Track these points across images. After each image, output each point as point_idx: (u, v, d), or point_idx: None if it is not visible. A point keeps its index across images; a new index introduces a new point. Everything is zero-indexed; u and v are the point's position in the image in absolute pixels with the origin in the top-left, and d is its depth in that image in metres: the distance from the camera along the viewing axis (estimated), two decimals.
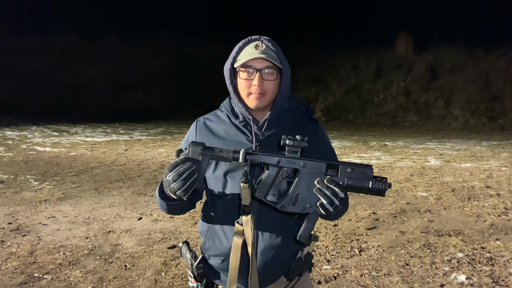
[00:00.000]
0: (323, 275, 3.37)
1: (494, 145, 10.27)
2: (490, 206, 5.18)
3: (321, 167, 1.29)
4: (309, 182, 1.28)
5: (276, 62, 1.40)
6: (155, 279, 3.33)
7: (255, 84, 1.41)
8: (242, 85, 1.44)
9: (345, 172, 1.28)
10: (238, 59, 1.44)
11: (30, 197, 5.66)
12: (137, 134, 12.73)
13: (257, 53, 1.39)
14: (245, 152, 1.26)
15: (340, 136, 12.67)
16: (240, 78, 1.44)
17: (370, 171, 1.28)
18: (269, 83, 1.43)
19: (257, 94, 1.43)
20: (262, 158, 1.28)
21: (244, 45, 1.45)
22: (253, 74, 1.42)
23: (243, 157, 1.25)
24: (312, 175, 1.28)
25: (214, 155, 1.27)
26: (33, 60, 19.36)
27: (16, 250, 3.86)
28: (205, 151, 1.27)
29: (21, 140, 10.93)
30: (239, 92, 1.48)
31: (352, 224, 4.62)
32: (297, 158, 1.28)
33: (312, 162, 1.29)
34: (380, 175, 1.36)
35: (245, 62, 1.40)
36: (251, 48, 1.42)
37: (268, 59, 1.38)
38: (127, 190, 6.08)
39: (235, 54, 1.45)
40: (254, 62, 1.41)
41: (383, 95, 17.38)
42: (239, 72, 1.43)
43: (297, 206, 1.29)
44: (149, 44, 21.27)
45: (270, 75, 1.43)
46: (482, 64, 16.90)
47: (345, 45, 19.25)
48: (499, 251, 3.80)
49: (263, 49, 1.41)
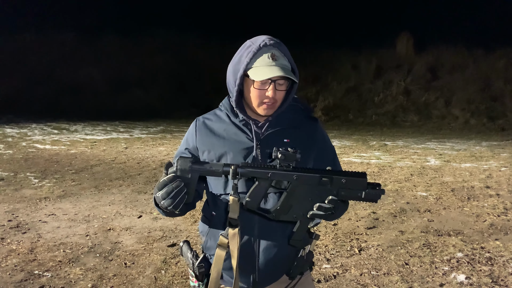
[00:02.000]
0: (323, 274, 3.38)
1: (494, 145, 10.28)
2: (490, 206, 5.19)
3: (314, 179, 1.27)
4: (302, 194, 1.27)
5: (293, 77, 1.39)
6: (155, 277, 3.33)
7: (269, 95, 1.41)
8: (254, 94, 1.43)
9: (338, 183, 1.27)
10: (253, 67, 1.40)
11: (30, 194, 5.66)
12: (137, 132, 12.72)
13: (274, 65, 1.38)
14: (236, 166, 1.24)
15: (340, 135, 12.68)
16: (254, 88, 1.41)
17: (363, 181, 1.27)
18: (281, 93, 1.44)
19: (269, 104, 1.43)
20: (253, 173, 1.26)
21: (259, 51, 1.40)
22: (267, 84, 1.40)
23: (233, 172, 1.24)
24: (304, 187, 1.27)
25: (204, 170, 1.26)
26: (32, 58, 19.32)
27: (16, 247, 3.86)
28: (195, 166, 1.25)
29: (21, 138, 10.92)
30: (247, 98, 1.48)
31: (352, 223, 4.62)
32: (289, 171, 1.26)
33: (304, 175, 1.27)
34: (374, 181, 1.34)
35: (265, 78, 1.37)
36: (267, 58, 1.39)
37: (287, 75, 1.37)
38: (127, 188, 6.08)
39: (249, 60, 1.40)
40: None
41: (383, 95, 17.38)
42: (253, 81, 1.41)
43: (289, 215, 1.29)
44: (148, 43, 21.23)
45: (282, 86, 1.43)
46: (482, 65, 16.90)
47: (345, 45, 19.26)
48: (499, 251, 3.80)
49: (279, 60, 1.40)
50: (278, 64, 1.39)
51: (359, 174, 1.28)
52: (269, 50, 1.40)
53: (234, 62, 1.46)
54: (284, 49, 1.43)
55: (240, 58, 1.43)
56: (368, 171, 7.21)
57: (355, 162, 8.11)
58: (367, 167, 7.60)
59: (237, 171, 1.24)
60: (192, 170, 1.25)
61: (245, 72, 1.42)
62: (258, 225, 1.45)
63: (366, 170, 7.32)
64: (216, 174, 1.27)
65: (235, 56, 1.47)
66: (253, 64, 1.40)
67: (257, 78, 1.38)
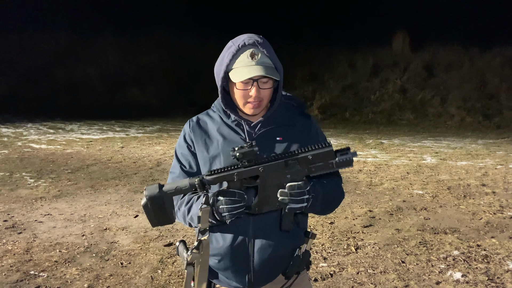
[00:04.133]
0: (320, 273, 3.38)
1: (489, 143, 10.31)
2: (486, 204, 5.21)
3: (280, 165, 1.27)
4: (275, 181, 1.27)
5: (273, 75, 1.38)
6: (152, 277, 3.32)
7: (252, 95, 1.41)
8: (238, 94, 1.43)
9: (306, 161, 1.26)
10: (233, 68, 1.40)
11: (25, 194, 5.63)
12: (133, 132, 12.68)
13: (253, 64, 1.37)
14: (200, 177, 1.24)
15: (337, 134, 12.69)
16: (237, 89, 1.41)
17: (330, 151, 1.26)
18: (265, 91, 1.43)
19: (254, 103, 1.43)
20: (219, 178, 1.25)
21: (238, 52, 1.40)
22: (249, 84, 1.40)
23: (199, 183, 1.24)
24: (275, 175, 1.27)
25: (173, 190, 1.25)
26: (27, 56, 19.19)
27: (11, 247, 3.84)
28: (163, 190, 1.25)
29: (16, 137, 10.86)
30: (233, 98, 1.48)
31: (349, 221, 4.63)
32: (253, 165, 1.26)
33: (269, 164, 1.27)
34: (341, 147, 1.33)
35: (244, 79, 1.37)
36: (247, 57, 1.38)
37: (267, 75, 1.36)
38: (123, 187, 6.07)
39: (228, 61, 1.41)
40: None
41: (380, 93, 17.40)
42: (236, 82, 1.41)
43: (271, 205, 1.30)
44: (145, 41, 21.13)
45: (266, 84, 1.42)
46: (478, 63, 16.94)
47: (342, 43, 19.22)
48: (495, 249, 3.82)
49: (259, 58, 1.38)
50: (258, 63, 1.38)
51: (323, 146, 1.27)
52: (248, 49, 1.39)
53: (217, 64, 1.47)
54: (266, 46, 1.41)
55: (222, 59, 1.44)
56: (365, 170, 7.22)
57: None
58: (363, 165, 7.61)
59: (203, 181, 1.24)
60: (161, 194, 1.24)
61: (226, 74, 1.42)
62: (252, 225, 1.45)
63: (362, 168, 7.33)
64: (185, 191, 1.26)
65: (219, 57, 1.47)
66: (233, 65, 1.40)
67: (236, 80, 1.39)
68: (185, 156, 1.55)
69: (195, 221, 1.41)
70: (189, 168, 1.54)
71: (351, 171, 6.97)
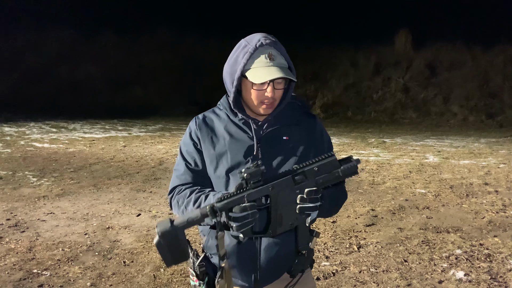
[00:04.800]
0: (322, 272, 3.38)
1: (492, 142, 10.29)
2: (488, 203, 5.20)
3: (288, 181, 1.26)
4: (286, 199, 1.26)
5: (291, 77, 1.39)
6: (154, 275, 3.33)
7: (267, 95, 1.41)
8: (254, 94, 1.43)
9: (312, 174, 1.26)
10: (251, 68, 1.39)
11: (28, 193, 5.65)
12: (135, 131, 12.70)
13: (271, 65, 1.37)
14: (211, 205, 1.21)
15: (339, 132, 12.68)
16: (253, 89, 1.41)
17: (333, 160, 1.26)
18: (279, 91, 1.44)
19: (269, 104, 1.43)
20: (230, 203, 1.23)
21: (255, 52, 1.38)
22: (265, 85, 1.40)
23: (211, 211, 1.21)
24: (284, 193, 1.26)
25: (185, 223, 1.22)
26: (30, 55, 19.24)
27: (14, 246, 3.85)
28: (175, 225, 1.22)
29: (19, 136, 10.90)
30: (246, 98, 1.47)
31: (351, 220, 4.63)
32: (261, 185, 1.24)
33: (277, 182, 1.25)
34: (342, 157, 1.33)
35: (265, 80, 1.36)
36: (265, 58, 1.38)
37: (286, 76, 1.36)
38: (125, 186, 6.08)
39: (246, 61, 1.39)
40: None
41: (382, 92, 17.37)
42: (253, 83, 1.40)
43: (285, 225, 1.28)
44: (147, 40, 21.15)
45: (280, 84, 1.43)
46: (481, 61, 16.89)
47: (344, 42, 19.21)
48: (497, 248, 3.81)
49: (276, 59, 1.39)
50: (276, 64, 1.38)
51: (327, 156, 1.27)
52: (266, 49, 1.39)
53: (231, 63, 1.45)
54: (279, 47, 1.42)
55: (237, 58, 1.42)
56: (367, 169, 7.21)
57: None
58: (365, 164, 7.60)
59: (214, 209, 1.21)
60: (174, 228, 1.22)
61: (242, 73, 1.41)
62: (259, 223, 1.45)
63: (365, 167, 7.32)
64: (197, 222, 1.23)
65: (231, 56, 1.46)
66: (250, 65, 1.39)
67: (256, 81, 1.38)
68: (191, 153, 1.54)
69: (206, 225, 1.42)
70: (194, 166, 1.53)
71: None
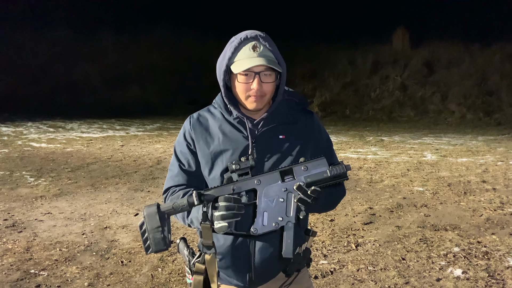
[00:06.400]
0: (320, 270, 3.38)
1: (490, 140, 10.31)
2: (486, 200, 5.20)
3: (275, 177, 1.26)
4: (271, 195, 1.25)
5: (276, 66, 1.37)
6: (152, 275, 3.32)
7: (253, 88, 1.38)
8: (240, 88, 1.41)
9: (300, 172, 1.25)
10: (235, 61, 1.39)
11: (26, 193, 5.63)
12: (133, 130, 12.68)
13: (255, 56, 1.36)
14: (197, 194, 1.22)
15: (337, 131, 12.68)
16: (238, 82, 1.40)
17: (322, 160, 1.26)
18: (268, 85, 1.41)
19: (256, 97, 1.40)
20: (217, 192, 1.24)
21: (240, 45, 1.39)
22: (251, 77, 1.38)
23: (197, 199, 1.22)
24: (271, 189, 1.25)
25: (171, 209, 1.25)
26: (27, 55, 19.19)
27: (12, 246, 3.84)
28: (161, 210, 1.24)
29: (16, 136, 10.86)
30: (235, 93, 1.46)
31: (349, 219, 4.63)
32: (249, 178, 1.25)
33: (265, 176, 1.26)
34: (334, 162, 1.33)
35: (245, 68, 1.36)
36: (248, 50, 1.37)
37: (268, 65, 1.35)
38: (123, 186, 6.06)
39: (231, 54, 1.39)
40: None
41: (380, 90, 17.38)
42: (237, 75, 1.39)
43: (268, 225, 1.25)
44: (145, 39, 21.10)
45: (268, 77, 1.40)
46: (478, 59, 16.90)
47: (342, 40, 19.21)
48: (495, 245, 3.82)
49: (261, 51, 1.37)
50: (260, 55, 1.37)
51: (317, 157, 1.27)
52: (251, 42, 1.38)
53: (219, 59, 1.46)
54: (268, 41, 1.40)
55: (224, 54, 1.43)
56: (365, 167, 7.22)
57: (352, 158, 8.11)
58: (363, 162, 7.60)
59: (201, 199, 1.22)
60: (159, 214, 1.24)
61: (228, 67, 1.41)
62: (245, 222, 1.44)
63: (363, 165, 7.33)
64: (183, 209, 1.25)
65: (222, 53, 1.46)
66: (235, 58, 1.40)
67: (236, 70, 1.37)
68: (184, 154, 1.53)
69: (195, 224, 1.41)
70: (188, 167, 1.52)
71: (352, 168, 6.97)
